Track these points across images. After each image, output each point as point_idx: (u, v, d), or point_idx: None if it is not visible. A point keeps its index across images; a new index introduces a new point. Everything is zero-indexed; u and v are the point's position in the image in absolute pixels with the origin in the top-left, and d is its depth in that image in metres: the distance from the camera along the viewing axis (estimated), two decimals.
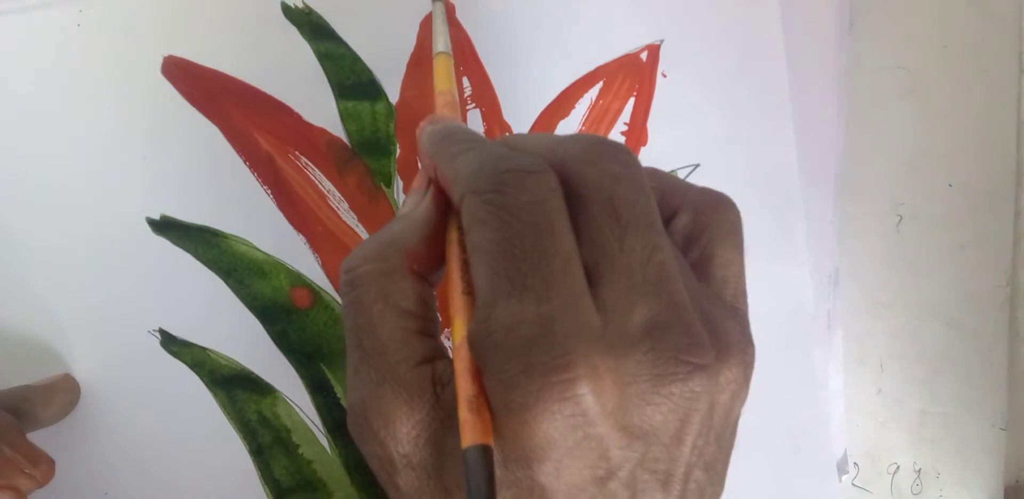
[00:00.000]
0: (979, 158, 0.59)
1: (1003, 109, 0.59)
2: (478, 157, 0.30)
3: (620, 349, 0.26)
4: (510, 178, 0.28)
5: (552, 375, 0.25)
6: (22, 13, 0.48)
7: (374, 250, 0.32)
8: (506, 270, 0.27)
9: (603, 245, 0.28)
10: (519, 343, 0.26)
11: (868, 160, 0.59)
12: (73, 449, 0.51)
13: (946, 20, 0.58)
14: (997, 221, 0.60)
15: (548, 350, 0.26)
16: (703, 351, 0.27)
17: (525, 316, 0.26)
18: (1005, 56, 0.58)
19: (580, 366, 0.25)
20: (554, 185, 0.28)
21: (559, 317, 0.26)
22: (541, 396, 0.25)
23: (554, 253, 0.27)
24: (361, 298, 0.31)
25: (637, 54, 0.51)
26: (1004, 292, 0.60)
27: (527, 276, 0.27)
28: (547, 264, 0.27)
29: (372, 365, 0.30)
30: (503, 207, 0.28)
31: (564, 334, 0.26)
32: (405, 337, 0.30)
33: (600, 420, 0.26)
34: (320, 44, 0.49)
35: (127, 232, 0.50)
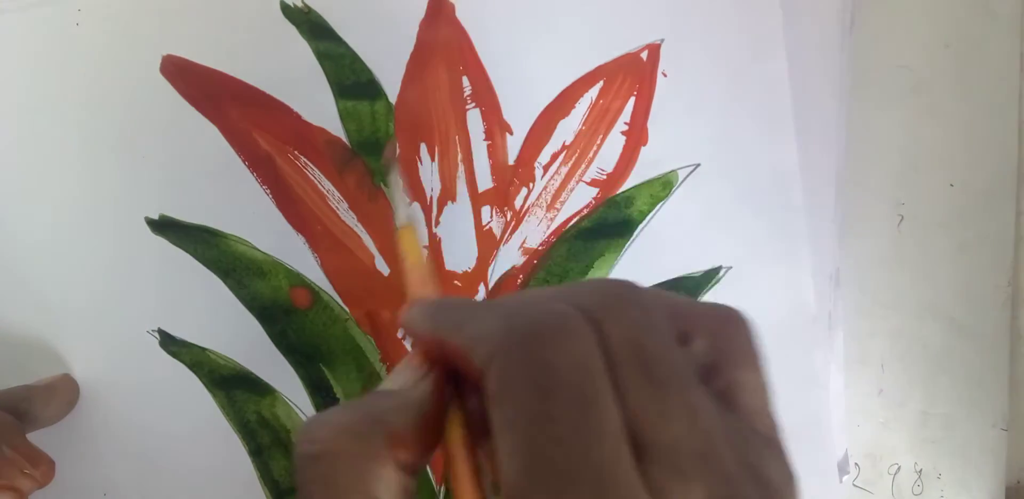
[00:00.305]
0: (981, 158, 0.59)
1: (1005, 109, 0.59)
2: (497, 314, 0.27)
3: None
4: (546, 333, 0.25)
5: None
6: (21, 12, 0.48)
7: (355, 425, 0.28)
8: (552, 460, 0.23)
9: (644, 414, 0.24)
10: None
11: (869, 160, 0.59)
12: (72, 449, 0.51)
13: (948, 19, 0.58)
14: (998, 221, 0.60)
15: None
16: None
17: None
18: (1007, 55, 0.59)
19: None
20: (593, 341, 0.25)
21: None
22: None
23: (603, 433, 0.24)
24: (335, 482, 0.27)
25: (638, 53, 0.51)
26: (1005, 292, 0.61)
27: (577, 467, 0.23)
28: (598, 450, 0.23)
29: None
30: (544, 370, 0.24)
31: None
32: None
33: None
34: (319, 43, 0.49)
35: (126, 232, 0.50)
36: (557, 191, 0.51)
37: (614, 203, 0.51)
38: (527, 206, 0.51)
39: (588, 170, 0.51)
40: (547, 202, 0.51)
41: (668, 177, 0.52)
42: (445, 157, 0.50)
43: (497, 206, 0.51)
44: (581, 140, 0.51)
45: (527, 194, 0.51)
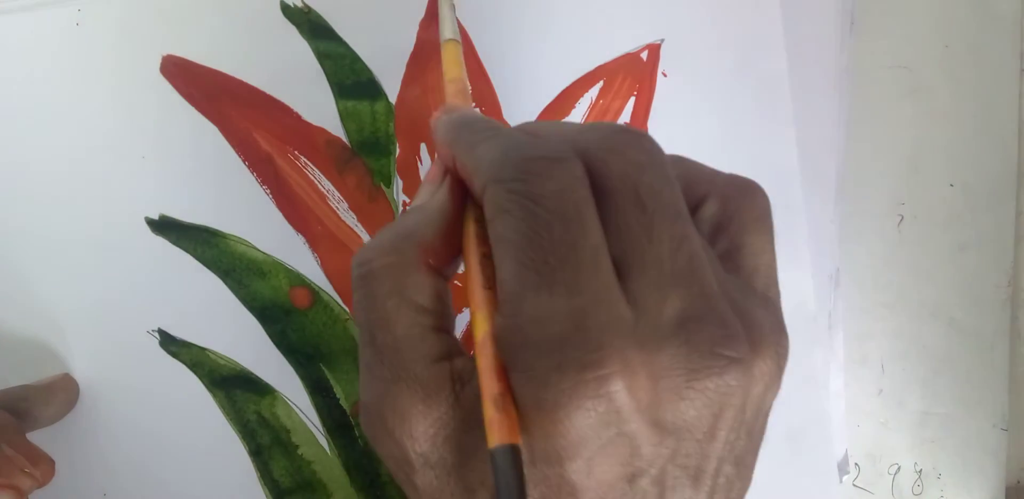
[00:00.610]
0: (980, 158, 0.60)
1: (1004, 109, 0.59)
2: (501, 144, 0.30)
3: (653, 343, 0.26)
4: (536, 166, 0.28)
5: (586, 372, 0.25)
6: (21, 12, 0.48)
7: (389, 243, 0.31)
8: (533, 262, 0.26)
9: (630, 236, 0.27)
10: (550, 338, 0.25)
11: (869, 160, 0.59)
12: (71, 449, 0.51)
13: (947, 19, 0.58)
14: (998, 221, 0.60)
15: (581, 345, 0.25)
16: (738, 344, 0.27)
17: (556, 310, 0.26)
18: (1006, 56, 0.59)
19: (614, 362, 0.25)
20: (580, 173, 0.28)
21: (591, 311, 0.26)
22: (575, 393, 0.25)
23: (583, 244, 0.26)
24: (375, 293, 0.30)
25: (638, 53, 0.51)
26: (1005, 292, 0.61)
27: (556, 268, 0.26)
28: (576, 256, 0.26)
29: (386, 363, 0.29)
30: (529, 196, 0.27)
31: (597, 328, 0.25)
32: (422, 333, 0.30)
33: (634, 417, 0.25)
34: (319, 43, 0.49)
35: (126, 232, 0.50)
36: None
37: None
38: None
39: None
40: None
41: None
42: None
43: None
44: None
45: None
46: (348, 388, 0.52)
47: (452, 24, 0.44)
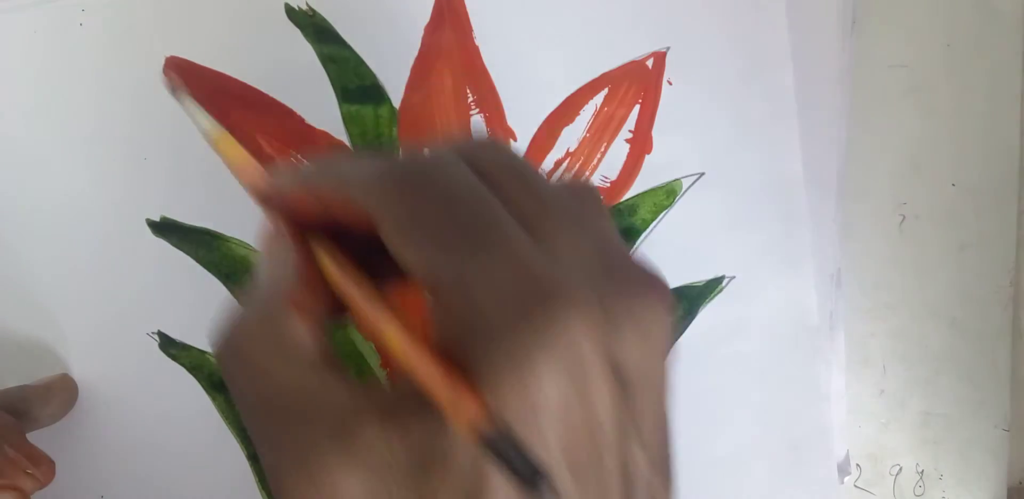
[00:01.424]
0: (982, 158, 0.60)
1: (1006, 108, 0.60)
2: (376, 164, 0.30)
3: (589, 284, 0.27)
4: (422, 161, 0.29)
5: (547, 315, 0.25)
6: (23, 12, 0.49)
7: (253, 307, 0.30)
8: (456, 238, 0.27)
9: (524, 204, 0.29)
10: (501, 295, 0.26)
11: (871, 159, 0.60)
12: (70, 451, 0.52)
13: (949, 18, 0.59)
14: (1000, 221, 0.61)
15: (533, 294, 0.26)
16: (654, 279, 0.29)
17: (497, 268, 0.26)
18: (1008, 55, 0.60)
19: (566, 302, 0.25)
20: (463, 163, 0.29)
21: (528, 262, 0.26)
22: (539, 339, 0.25)
23: (493, 211, 0.28)
24: (255, 363, 0.29)
25: (643, 61, 0.52)
26: (1007, 292, 0.62)
27: (480, 235, 0.27)
28: (492, 220, 0.27)
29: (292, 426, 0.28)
30: (431, 186, 0.28)
31: (541, 276, 0.26)
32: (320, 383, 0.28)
33: (595, 361, 0.26)
34: (323, 47, 0.50)
35: (127, 233, 0.51)
36: None
37: (617, 211, 0.52)
38: None
39: (591, 178, 0.52)
40: None
41: (672, 186, 0.53)
42: None
43: None
44: (585, 147, 0.52)
45: None
46: None
47: (210, 119, 0.41)
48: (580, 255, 0.28)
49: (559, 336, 0.25)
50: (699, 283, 0.55)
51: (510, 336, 0.25)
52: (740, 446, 0.57)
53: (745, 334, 0.56)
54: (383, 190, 0.28)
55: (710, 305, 0.55)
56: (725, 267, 0.55)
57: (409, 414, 0.27)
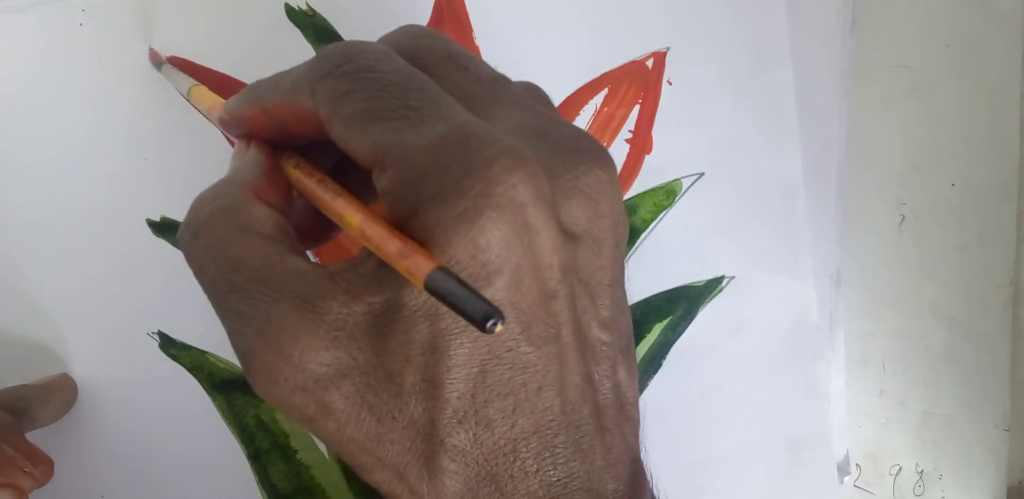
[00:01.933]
0: (982, 157, 0.61)
1: (1006, 108, 0.60)
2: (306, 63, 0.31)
3: (527, 146, 0.27)
4: (352, 50, 0.30)
5: (489, 169, 0.26)
6: (23, 12, 0.49)
7: (213, 191, 0.32)
8: (396, 111, 0.27)
9: (462, 86, 0.30)
10: (444, 155, 0.26)
11: (870, 159, 0.60)
12: (69, 451, 0.52)
13: (949, 18, 0.59)
14: (1000, 221, 0.61)
15: (475, 150, 0.26)
16: (592, 142, 0.30)
17: (437, 132, 0.27)
18: (1008, 55, 0.60)
19: (507, 159, 0.26)
20: (392, 50, 0.30)
21: (468, 125, 0.27)
22: (484, 195, 0.26)
23: (430, 85, 0.29)
24: (216, 238, 0.30)
25: (643, 61, 0.52)
26: (1007, 292, 0.62)
27: (419, 106, 0.28)
28: (430, 93, 0.28)
29: (258, 296, 0.28)
30: (360, 69, 0.29)
31: (480, 134, 0.27)
32: (280, 255, 0.29)
33: (540, 215, 0.26)
34: (324, 47, 0.50)
35: (127, 233, 0.51)
36: None
37: None
38: None
39: None
40: None
41: (672, 186, 0.53)
42: None
43: None
44: None
45: None
46: None
47: (181, 74, 0.45)
48: (521, 126, 0.29)
49: (502, 187, 0.26)
50: (699, 283, 0.55)
51: (455, 193, 0.26)
52: (740, 446, 0.57)
53: (745, 334, 0.56)
54: (318, 85, 0.29)
55: (710, 305, 0.55)
56: (725, 267, 0.55)
57: (368, 282, 0.28)
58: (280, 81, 0.32)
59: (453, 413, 0.27)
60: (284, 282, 0.28)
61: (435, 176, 0.26)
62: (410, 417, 0.28)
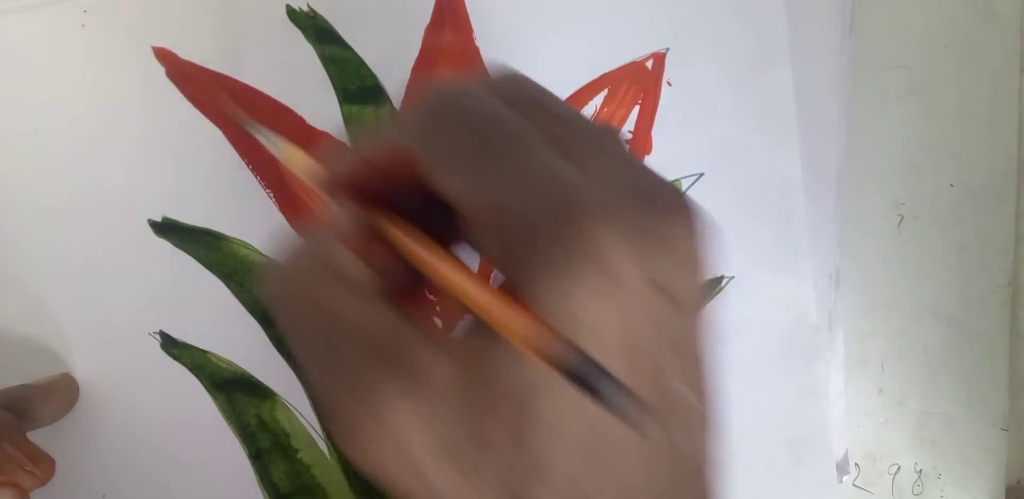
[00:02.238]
0: (981, 158, 0.61)
1: (1005, 109, 0.60)
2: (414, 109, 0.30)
3: (619, 200, 0.27)
4: (461, 99, 0.29)
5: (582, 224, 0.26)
6: (25, 12, 0.49)
7: (304, 243, 0.31)
8: (486, 157, 0.27)
9: (550, 128, 0.29)
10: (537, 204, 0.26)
11: (869, 160, 0.60)
12: (71, 451, 0.53)
13: (948, 19, 0.59)
14: (998, 221, 0.61)
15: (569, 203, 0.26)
16: (682, 198, 0.29)
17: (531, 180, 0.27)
18: (1007, 55, 0.60)
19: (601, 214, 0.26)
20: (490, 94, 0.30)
21: (562, 177, 0.27)
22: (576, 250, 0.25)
23: (523, 132, 0.28)
24: (310, 291, 0.29)
25: (643, 62, 0.52)
26: (1006, 292, 0.62)
27: (524, 158, 0.27)
28: (522, 141, 0.28)
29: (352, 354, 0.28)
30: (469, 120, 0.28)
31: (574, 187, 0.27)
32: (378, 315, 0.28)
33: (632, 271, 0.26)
34: (325, 48, 0.50)
35: (128, 233, 0.51)
36: None
37: None
38: None
39: None
40: None
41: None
42: None
43: None
44: None
45: None
46: None
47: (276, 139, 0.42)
48: (611, 174, 0.28)
49: (597, 242, 0.26)
50: None
51: (550, 245, 0.26)
52: (739, 446, 0.56)
53: (744, 334, 0.56)
54: (417, 128, 0.29)
55: (709, 306, 0.55)
56: (724, 267, 0.55)
57: (473, 349, 0.28)
58: (385, 129, 0.31)
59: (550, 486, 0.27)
60: (378, 339, 0.28)
61: (528, 223, 0.26)
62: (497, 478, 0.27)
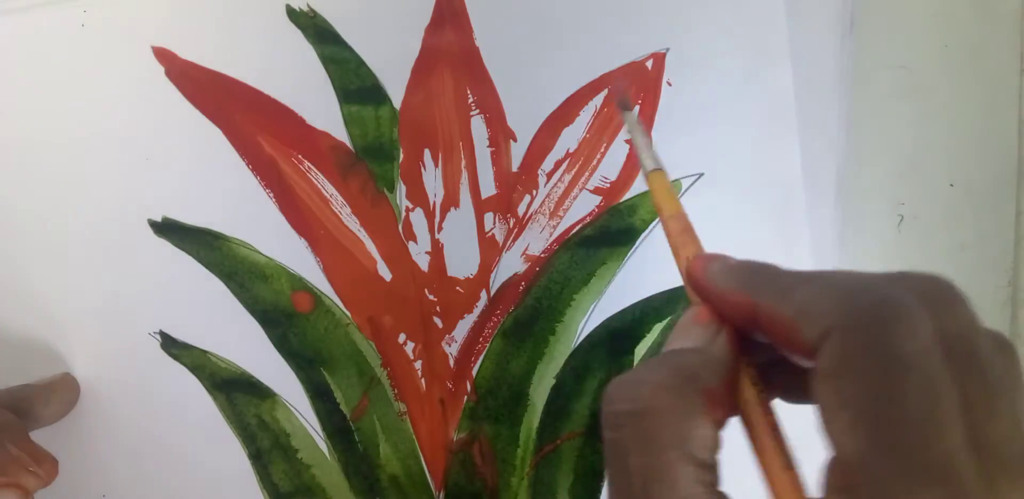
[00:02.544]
0: (980, 158, 0.60)
1: (1004, 108, 0.60)
2: (830, 286, 0.27)
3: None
4: (892, 315, 0.25)
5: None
6: (26, 13, 0.50)
7: (670, 381, 0.29)
8: (893, 439, 0.24)
9: (976, 411, 0.25)
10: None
11: (869, 160, 0.60)
12: (72, 450, 0.53)
13: (947, 19, 0.59)
14: (998, 221, 0.61)
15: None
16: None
17: (927, 483, 0.24)
18: (1006, 55, 0.60)
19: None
20: (934, 332, 0.26)
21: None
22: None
23: (947, 421, 0.25)
24: (654, 437, 0.28)
25: (643, 62, 0.52)
26: (1006, 292, 0.62)
27: (919, 451, 0.24)
28: (940, 436, 0.24)
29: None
30: (890, 354, 0.25)
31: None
32: (706, 496, 0.27)
33: None
34: (324, 48, 0.51)
35: (129, 233, 0.52)
36: (560, 199, 0.52)
37: (617, 211, 0.52)
38: (530, 213, 0.52)
39: (591, 178, 0.52)
40: (550, 210, 0.52)
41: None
42: (449, 163, 0.52)
43: (500, 213, 0.52)
44: (585, 148, 0.52)
45: (530, 201, 0.52)
46: (348, 392, 0.54)
47: (651, 151, 0.41)
48: (1015, 492, 0.25)
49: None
50: None
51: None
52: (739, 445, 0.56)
53: None
54: (843, 340, 0.26)
55: None
56: None
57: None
58: (793, 291, 0.28)
59: None
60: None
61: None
62: None
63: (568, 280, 0.53)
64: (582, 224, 0.53)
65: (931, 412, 0.24)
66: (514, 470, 0.54)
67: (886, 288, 0.26)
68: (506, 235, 0.53)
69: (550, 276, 0.53)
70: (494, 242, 0.53)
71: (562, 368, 0.53)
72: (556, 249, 0.53)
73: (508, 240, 0.53)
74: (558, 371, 0.53)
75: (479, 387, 0.54)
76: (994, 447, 0.25)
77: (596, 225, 0.53)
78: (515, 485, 0.54)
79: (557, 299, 0.53)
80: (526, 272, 0.53)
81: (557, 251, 0.53)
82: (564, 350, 0.53)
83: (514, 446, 0.54)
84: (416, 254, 0.53)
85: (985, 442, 0.25)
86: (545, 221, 0.53)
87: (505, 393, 0.54)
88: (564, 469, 0.54)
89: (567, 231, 0.53)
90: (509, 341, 0.53)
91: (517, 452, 0.54)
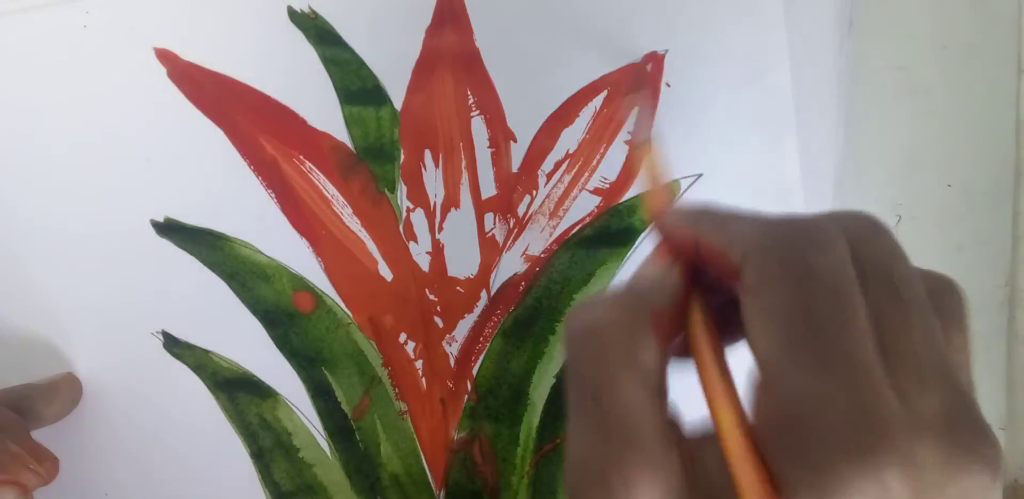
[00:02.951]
0: (978, 158, 0.60)
1: (1002, 109, 0.60)
2: (759, 219, 0.30)
3: (921, 435, 0.26)
4: (808, 236, 0.28)
5: (865, 458, 0.25)
6: (27, 13, 0.50)
7: (621, 301, 0.31)
8: (802, 339, 0.26)
9: (888, 323, 0.27)
10: (827, 422, 0.25)
11: (867, 160, 0.60)
12: (74, 449, 0.53)
13: (946, 20, 0.59)
14: (996, 221, 0.61)
15: (860, 431, 0.25)
16: (991, 445, 0.26)
17: (831, 392, 0.25)
18: (1005, 56, 0.60)
19: (892, 449, 0.25)
20: (847, 253, 0.28)
21: (865, 395, 0.25)
22: (853, 480, 0.24)
23: (853, 325, 0.26)
24: (604, 351, 0.30)
25: (642, 64, 0.52)
26: (1003, 292, 0.62)
27: (826, 348, 0.26)
28: (846, 336, 0.26)
29: (613, 426, 0.28)
30: (802, 267, 0.27)
31: (873, 414, 0.25)
32: (651, 401, 0.29)
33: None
34: (326, 49, 0.51)
35: (131, 234, 0.52)
36: (560, 199, 0.52)
37: (616, 212, 0.52)
38: (530, 214, 0.52)
39: (591, 179, 0.52)
40: (550, 210, 0.52)
41: (670, 187, 0.53)
42: (449, 164, 0.52)
43: (500, 213, 0.52)
44: (584, 149, 0.52)
45: (530, 202, 0.52)
46: (350, 392, 0.54)
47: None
48: (926, 396, 0.27)
49: (881, 480, 0.25)
50: None
51: (823, 467, 0.25)
52: None
53: None
54: (762, 258, 0.28)
55: None
56: None
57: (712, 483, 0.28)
58: (728, 224, 0.31)
59: None
60: (643, 430, 0.28)
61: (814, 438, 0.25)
62: None
63: (568, 280, 0.53)
64: (582, 224, 0.53)
65: (838, 317, 0.26)
66: (514, 469, 0.54)
67: (809, 218, 0.29)
68: (506, 235, 0.53)
69: (550, 276, 0.53)
70: (494, 242, 0.53)
71: (562, 367, 0.53)
72: (556, 249, 0.53)
73: (508, 240, 0.53)
74: (558, 370, 0.53)
75: (479, 386, 0.54)
76: (903, 355, 0.27)
77: (596, 225, 0.53)
78: (515, 484, 0.54)
79: (557, 299, 0.53)
80: (526, 272, 0.53)
81: (557, 251, 0.53)
82: None
83: (514, 445, 0.54)
84: (417, 254, 0.53)
85: (895, 350, 0.27)
86: (545, 221, 0.53)
87: (505, 392, 0.54)
88: None
89: (567, 231, 0.53)
90: (509, 341, 0.53)
91: (517, 451, 0.54)
